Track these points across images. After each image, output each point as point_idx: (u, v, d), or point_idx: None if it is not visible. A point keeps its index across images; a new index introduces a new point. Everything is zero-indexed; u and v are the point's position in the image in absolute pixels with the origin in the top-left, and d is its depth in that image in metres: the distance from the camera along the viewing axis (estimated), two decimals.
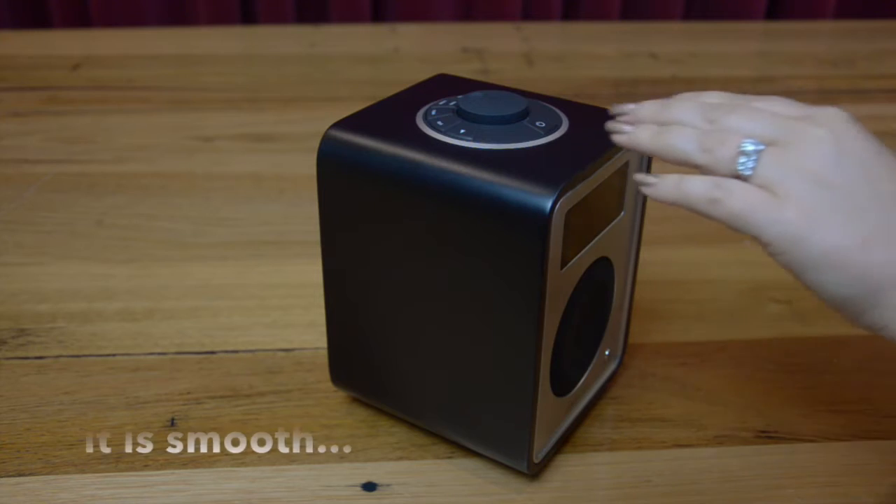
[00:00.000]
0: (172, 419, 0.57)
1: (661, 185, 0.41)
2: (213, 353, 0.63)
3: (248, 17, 1.61)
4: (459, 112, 0.50)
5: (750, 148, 0.39)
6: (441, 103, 0.52)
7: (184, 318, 0.67)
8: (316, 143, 0.50)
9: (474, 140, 0.47)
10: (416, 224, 0.47)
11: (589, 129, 0.50)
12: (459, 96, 0.52)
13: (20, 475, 0.52)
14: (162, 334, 0.65)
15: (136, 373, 0.61)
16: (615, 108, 0.45)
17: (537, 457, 0.51)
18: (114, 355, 0.63)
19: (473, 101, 0.50)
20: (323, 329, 0.56)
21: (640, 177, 0.42)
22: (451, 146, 0.47)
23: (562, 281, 0.48)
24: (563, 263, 0.47)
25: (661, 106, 0.44)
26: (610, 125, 0.44)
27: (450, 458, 0.54)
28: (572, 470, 0.53)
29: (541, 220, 0.43)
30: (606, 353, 0.58)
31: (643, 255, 0.58)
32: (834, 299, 0.39)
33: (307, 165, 0.92)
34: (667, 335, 0.66)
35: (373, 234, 0.49)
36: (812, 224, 0.38)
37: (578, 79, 1.20)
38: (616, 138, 0.44)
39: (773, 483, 0.52)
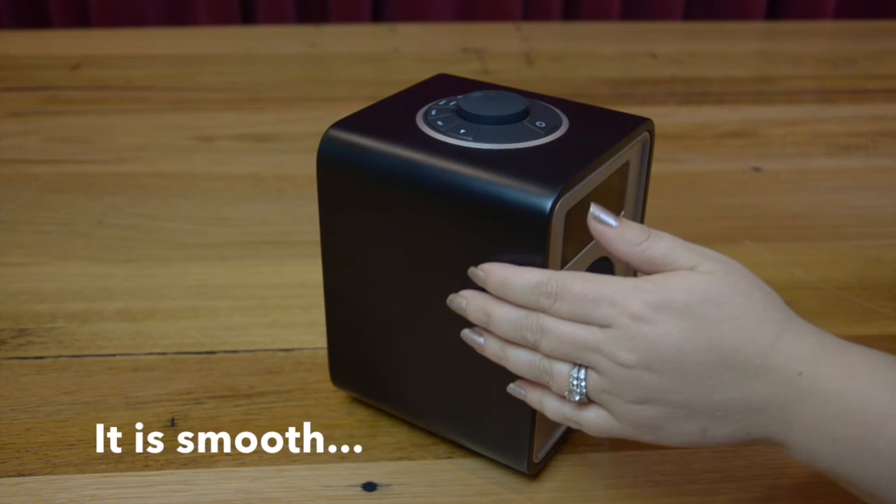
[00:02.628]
0: (172, 419, 0.57)
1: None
2: (212, 353, 0.63)
3: (248, 17, 1.61)
4: (459, 112, 0.50)
5: (575, 389, 0.43)
6: (441, 103, 0.52)
7: (184, 318, 0.67)
8: (316, 143, 0.50)
9: (474, 140, 0.47)
10: (416, 224, 0.47)
11: (589, 129, 0.50)
12: (459, 96, 0.52)
13: (20, 475, 0.52)
14: (162, 334, 0.65)
15: (136, 373, 0.61)
16: (449, 302, 0.47)
17: (537, 457, 0.51)
18: (114, 355, 0.63)
19: (473, 101, 0.50)
20: (323, 329, 0.56)
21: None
22: (451, 146, 0.47)
23: None
24: (563, 263, 0.47)
25: (485, 316, 0.46)
26: (466, 334, 0.48)
27: (450, 458, 0.54)
28: (572, 470, 0.53)
29: (541, 220, 0.43)
30: None
31: None
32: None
33: (307, 165, 0.92)
34: None
35: (373, 233, 0.49)
36: (654, 437, 0.43)
37: (578, 79, 1.20)
38: (477, 348, 0.48)
39: (773, 483, 0.52)
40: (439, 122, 0.49)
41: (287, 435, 0.55)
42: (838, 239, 0.80)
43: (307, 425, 0.56)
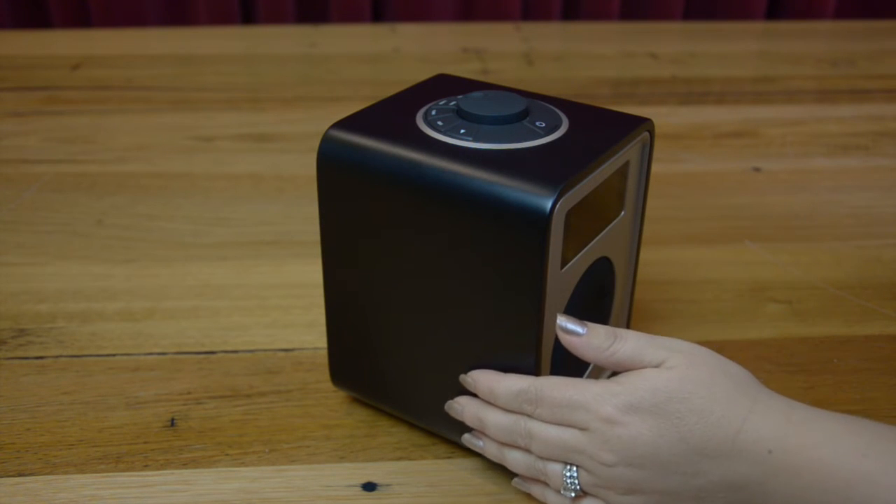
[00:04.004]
0: (172, 419, 0.57)
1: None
2: (212, 353, 0.63)
3: (248, 17, 1.61)
4: (459, 112, 0.50)
5: (570, 486, 0.46)
6: (441, 103, 0.52)
7: (184, 318, 0.67)
8: (316, 143, 0.50)
9: (474, 140, 0.47)
10: (415, 224, 0.47)
11: (589, 129, 0.50)
12: (459, 96, 0.52)
13: (20, 475, 0.52)
14: (162, 334, 0.65)
15: (136, 373, 0.61)
16: (447, 408, 0.51)
17: None
18: (114, 355, 0.63)
19: (473, 101, 0.50)
20: (323, 329, 0.56)
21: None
22: (451, 146, 0.47)
23: (562, 281, 0.48)
24: (563, 263, 0.47)
25: (479, 422, 0.49)
26: (467, 439, 0.51)
27: (450, 458, 0.54)
28: None
29: (541, 220, 0.43)
30: None
31: (643, 255, 0.58)
32: None
33: (307, 165, 0.92)
34: (667, 335, 0.65)
35: (373, 234, 0.49)
36: None
37: (578, 79, 1.20)
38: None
39: None
40: (439, 122, 0.49)
41: (287, 435, 0.56)
42: (838, 239, 0.80)
43: (307, 425, 0.56)
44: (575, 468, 0.46)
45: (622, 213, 0.53)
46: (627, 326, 0.59)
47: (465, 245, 0.46)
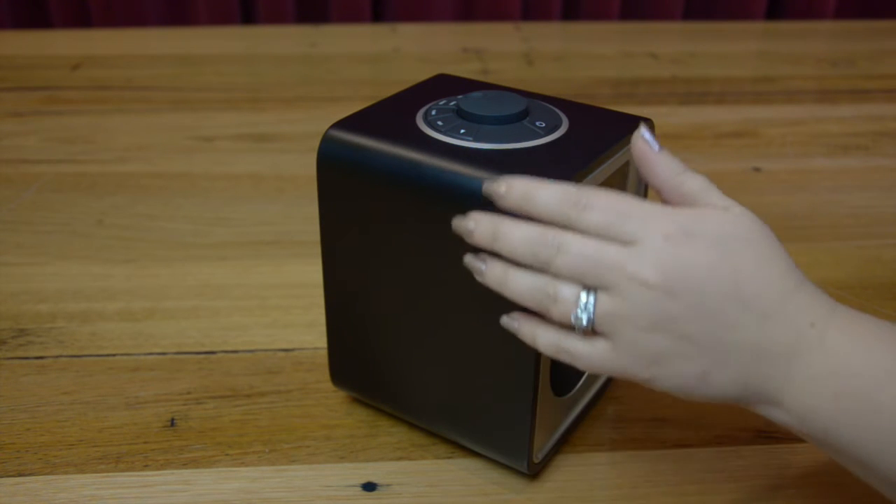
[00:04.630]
0: (172, 419, 0.57)
1: (536, 339, 0.44)
2: (212, 353, 0.63)
3: (248, 17, 1.61)
4: (459, 112, 0.50)
5: (581, 311, 0.41)
6: (441, 103, 0.52)
7: (184, 318, 0.67)
8: (316, 143, 0.50)
9: (474, 140, 0.47)
10: (415, 224, 0.47)
11: (589, 128, 0.50)
12: (459, 96, 0.52)
13: (20, 475, 0.52)
14: (162, 334, 0.65)
15: (136, 373, 0.61)
16: (455, 225, 0.44)
17: (537, 457, 0.51)
18: (114, 355, 0.63)
19: (473, 101, 0.50)
20: (323, 329, 0.56)
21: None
22: (451, 146, 0.47)
23: None
24: None
25: (492, 236, 0.43)
26: (468, 260, 0.45)
27: (450, 458, 0.54)
28: (572, 470, 0.53)
29: None
30: None
31: None
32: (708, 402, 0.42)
33: (307, 165, 0.92)
34: None
35: (373, 233, 0.49)
36: (653, 373, 0.41)
37: (578, 79, 1.20)
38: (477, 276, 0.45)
39: (772, 483, 0.52)
40: (439, 122, 0.49)
41: (287, 435, 0.56)
42: (838, 239, 0.80)
43: (307, 425, 0.56)
44: (593, 294, 0.41)
45: None
46: None
47: (465, 245, 0.46)
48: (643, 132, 0.44)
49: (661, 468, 0.53)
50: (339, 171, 0.49)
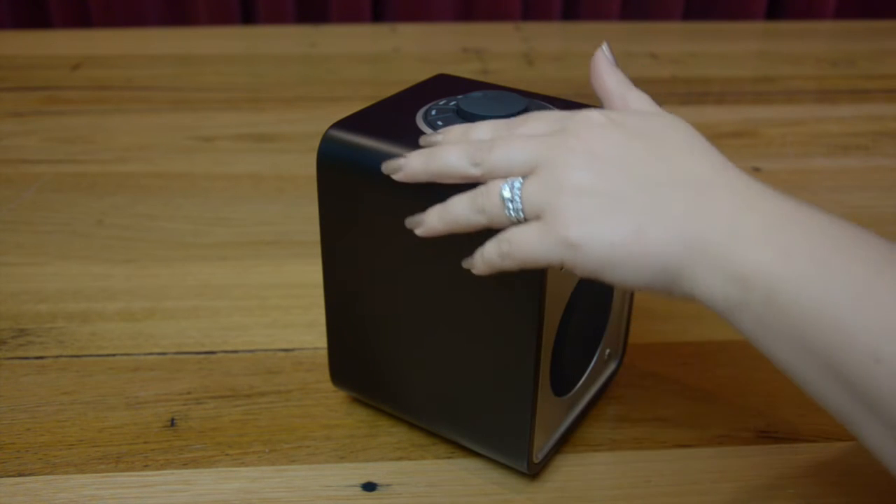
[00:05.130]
0: (172, 419, 0.57)
1: (475, 262, 0.44)
2: (212, 353, 0.63)
3: (248, 17, 1.61)
4: (459, 112, 0.50)
5: (507, 193, 0.41)
6: (441, 103, 0.52)
7: (184, 318, 0.67)
8: (316, 143, 0.50)
9: None
10: None
11: None
12: (459, 96, 0.52)
13: (20, 475, 0.52)
14: (162, 334, 0.65)
15: (136, 373, 0.61)
16: (385, 168, 0.46)
17: (537, 457, 0.51)
18: (114, 355, 0.63)
19: (473, 101, 0.50)
20: (323, 329, 0.56)
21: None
22: None
23: (562, 281, 0.48)
24: None
25: (428, 155, 0.44)
26: (409, 221, 0.45)
27: (450, 458, 0.54)
28: (572, 470, 0.53)
29: None
30: (606, 353, 0.58)
31: None
32: (639, 288, 0.39)
33: (307, 165, 0.92)
34: (667, 335, 0.66)
35: (372, 233, 0.49)
36: (585, 233, 0.39)
37: (578, 79, 1.20)
38: (418, 231, 0.45)
39: (773, 483, 0.52)
40: (439, 122, 0.49)
41: (287, 435, 0.56)
42: None
43: (307, 425, 0.56)
44: (520, 180, 0.41)
45: None
46: (627, 326, 0.60)
47: (464, 245, 0.46)
48: (605, 47, 0.47)
49: (661, 468, 0.53)
50: (339, 171, 0.49)
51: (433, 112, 0.51)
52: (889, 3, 1.66)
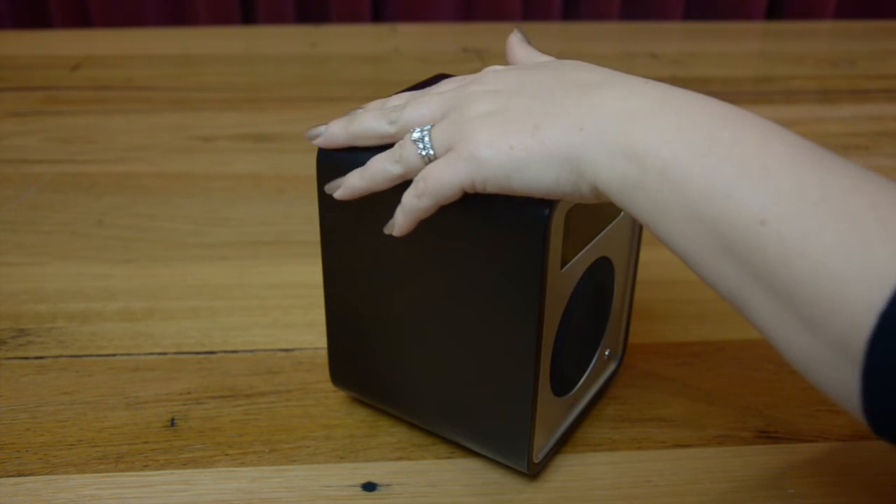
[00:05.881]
0: (172, 419, 0.57)
1: (396, 220, 0.45)
2: (212, 353, 0.63)
3: (248, 17, 1.62)
4: None
5: (417, 134, 0.44)
6: None
7: (184, 318, 0.67)
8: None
9: None
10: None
11: None
12: None
13: (20, 475, 0.52)
14: (162, 334, 0.65)
15: (136, 373, 0.61)
16: (306, 135, 0.49)
17: (537, 457, 0.51)
18: (114, 355, 0.63)
19: None
20: (323, 329, 0.56)
21: (387, 227, 0.46)
22: None
23: (562, 281, 0.48)
24: (563, 263, 0.47)
25: (347, 121, 0.48)
26: (327, 186, 0.48)
27: (450, 458, 0.54)
28: (572, 470, 0.53)
29: (541, 220, 0.43)
30: (606, 353, 0.58)
31: (643, 255, 0.58)
32: (549, 190, 0.41)
33: (307, 165, 0.92)
34: (667, 335, 0.66)
35: (372, 234, 0.49)
36: (485, 145, 0.41)
37: None
38: (337, 195, 0.47)
39: (773, 483, 0.52)
40: None
41: (287, 435, 0.56)
42: None
43: (307, 425, 0.56)
44: (427, 127, 0.44)
45: (622, 213, 0.53)
46: (627, 326, 0.60)
47: (464, 245, 0.46)
48: (516, 31, 0.51)
49: (661, 468, 0.53)
50: (339, 171, 0.49)
51: None
52: (889, 3, 1.66)
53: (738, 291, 0.36)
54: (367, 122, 0.47)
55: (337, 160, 0.49)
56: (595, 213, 0.50)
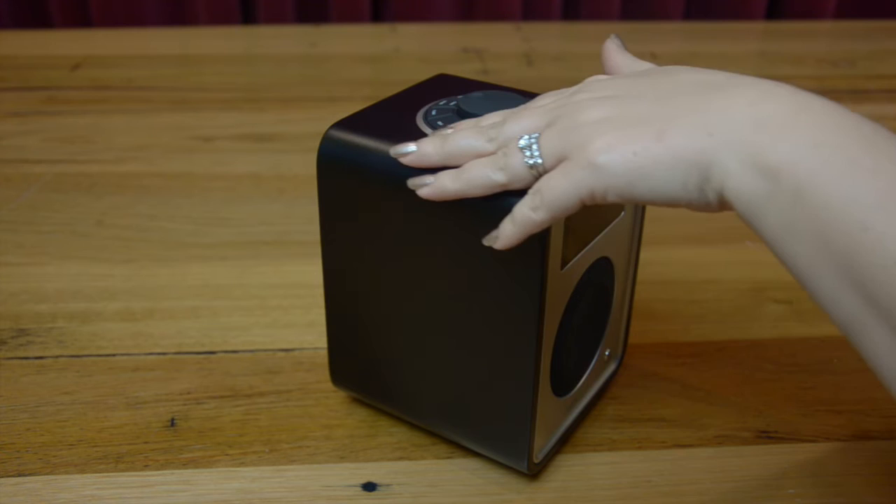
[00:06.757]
0: (172, 419, 0.57)
1: (503, 231, 0.43)
2: (213, 353, 0.63)
3: (248, 17, 1.61)
4: (459, 112, 0.50)
5: (525, 142, 0.41)
6: (441, 103, 0.52)
7: (184, 318, 0.67)
8: (316, 143, 0.50)
9: None
10: (415, 224, 0.47)
11: None
12: (459, 96, 0.52)
13: (20, 475, 0.52)
14: (162, 334, 0.65)
15: (136, 373, 0.61)
16: (394, 152, 0.46)
17: (537, 457, 0.51)
18: (114, 355, 0.63)
19: (473, 101, 0.50)
20: (323, 329, 0.56)
21: (487, 239, 0.43)
22: None
23: (562, 281, 0.48)
24: (563, 263, 0.47)
25: (442, 140, 0.45)
26: (412, 181, 0.45)
27: (450, 458, 0.54)
28: (572, 470, 0.53)
29: None
30: (606, 353, 0.58)
31: (643, 255, 0.58)
32: (675, 198, 0.38)
33: (307, 165, 0.92)
34: (667, 335, 0.66)
35: (373, 234, 0.49)
36: (605, 150, 0.38)
37: (578, 79, 1.19)
38: (422, 192, 0.45)
39: (773, 483, 0.52)
40: (439, 122, 0.49)
41: (287, 435, 0.56)
42: None
43: (307, 425, 0.56)
44: (535, 135, 0.42)
45: (622, 213, 0.53)
46: (627, 326, 0.60)
47: (465, 245, 0.46)
48: (613, 36, 0.49)
49: (661, 468, 0.53)
50: (339, 171, 0.49)
51: (433, 112, 0.51)
52: (889, 3, 1.66)
53: (857, 323, 0.34)
54: (464, 140, 0.44)
55: (340, 160, 0.49)
56: (595, 213, 0.50)
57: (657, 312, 0.68)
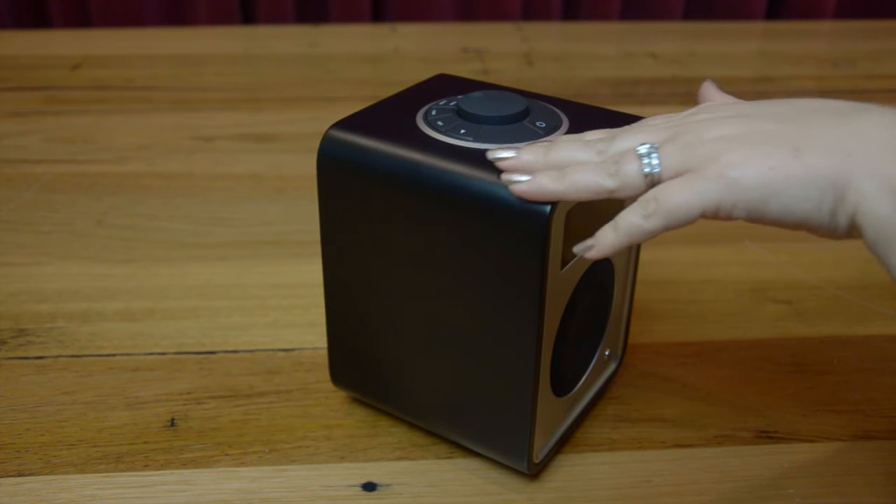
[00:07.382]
0: (172, 419, 0.57)
1: (602, 239, 0.41)
2: (213, 353, 0.63)
3: (248, 17, 1.62)
4: (459, 112, 0.50)
5: (646, 150, 0.40)
6: (441, 103, 0.52)
7: (184, 318, 0.67)
8: (316, 143, 0.50)
9: (474, 140, 0.47)
10: (416, 224, 0.47)
11: (589, 129, 0.50)
12: (459, 96, 0.52)
13: (20, 475, 0.52)
14: (162, 334, 0.65)
15: (136, 373, 0.61)
16: (491, 156, 0.45)
17: (537, 457, 0.51)
18: (114, 355, 0.63)
19: (473, 102, 0.50)
20: (323, 329, 0.56)
21: (579, 248, 0.42)
22: (451, 146, 0.47)
23: (562, 281, 0.48)
24: (563, 264, 0.47)
25: (544, 150, 0.44)
26: (505, 177, 0.43)
27: (450, 458, 0.54)
28: (572, 470, 0.53)
29: (541, 221, 0.43)
30: (606, 353, 0.58)
31: (643, 255, 0.58)
32: (806, 219, 0.37)
33: (307, 165, 0.92)
34: (667, 335, 0.66)
35: (373, 234, 0.49)
36: (739, 166, 0.37)
37: (578, 79, 1.20)
38: (515, 188, 0.43)
39: (773, 483, 0.52)
40: (439, 123, 0.49)
41: (287, 435, 0.56)
42: None
43: (307, 425, 0.56)
44: (655, 146, 0.40)
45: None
46: (627, 326, 0.60)
47: (465, 245, 0.46)
48: (709, 81, 0.48)
49: (661, 468, 0.53)
50: (339, 171, 0.49)
51: (433, 112, 0.51)
52: (889, 3, 1.66)
53: None
54: (570, 152, 0.43)
55: (340, 160, 0.49)
56: (595, 213, 0.50)
57: (657, 312, 0.68)
